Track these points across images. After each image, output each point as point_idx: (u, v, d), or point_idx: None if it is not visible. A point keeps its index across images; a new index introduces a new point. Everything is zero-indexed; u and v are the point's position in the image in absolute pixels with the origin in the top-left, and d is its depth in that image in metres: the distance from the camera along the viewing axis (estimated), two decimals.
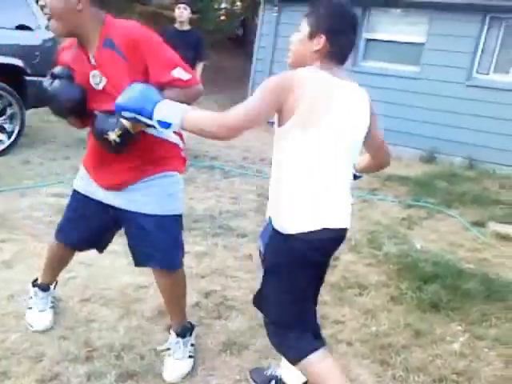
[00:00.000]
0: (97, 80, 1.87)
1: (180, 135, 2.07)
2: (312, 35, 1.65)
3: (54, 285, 2.56)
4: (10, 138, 5.35)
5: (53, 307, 2.51)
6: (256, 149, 6.96)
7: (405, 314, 2.86)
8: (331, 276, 3.28)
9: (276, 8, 8.59)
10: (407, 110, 7.68)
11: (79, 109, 1.91)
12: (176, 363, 2.21)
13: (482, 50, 7.33)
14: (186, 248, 3.44)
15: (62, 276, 2.87)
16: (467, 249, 4.02)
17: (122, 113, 1.63)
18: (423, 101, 7.57)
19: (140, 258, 2.14)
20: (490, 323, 2.83)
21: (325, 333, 2.62)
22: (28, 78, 5.32)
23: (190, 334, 2.30)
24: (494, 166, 6.95)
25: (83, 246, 2.32)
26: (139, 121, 1.65)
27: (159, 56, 1.83)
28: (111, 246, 3.26)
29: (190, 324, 2.35)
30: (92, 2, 1.79)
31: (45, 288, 2.49)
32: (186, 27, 5.55)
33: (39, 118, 7.02)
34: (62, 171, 4.91)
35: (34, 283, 2.50)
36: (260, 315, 2.72)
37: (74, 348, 2.27)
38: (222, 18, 15.44)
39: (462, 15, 7.24)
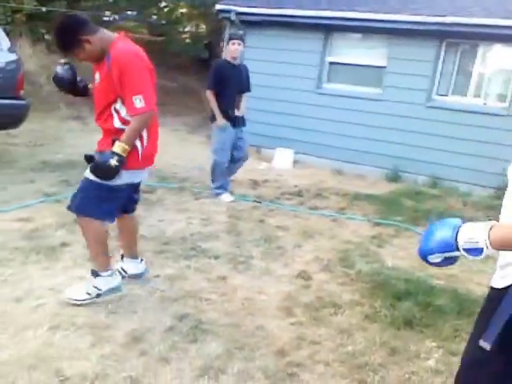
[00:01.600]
0: (97, 77, 2.77)
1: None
2: None
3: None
4: None
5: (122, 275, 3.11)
6: None
7: (380, 332, 2.88)
8: (305, 296, 3.28)
9: (241, 32, 8.69)
10: (371, 130, 7.86)
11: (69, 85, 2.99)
12: (74, 288, 2.90)
13: (441, 74, 7.60)
14: (157, 271, 3.40)
15: (30, 304, 2.78)
16: None
17: (429, 257, 1.51)
18: (386, 121, 7.76)
19: None
20: (462, 338, 2.86)
21: (302, 354, 2.62)
22: None
23: (95, 277, 2.87)
24: (455, 183, 7.16)
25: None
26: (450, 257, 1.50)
27: (131, 80, 2.62)
28: (80, 272, 3.21)
29: (105, 273, 2.90)
30: (92, 32, 2.66)
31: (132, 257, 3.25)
32: (238, 62, 5.74)
33: (3, 140, 6.84)
34: (27, 195, 4.75)
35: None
36: (237, 337, 2.69)
37: (44, 377, 2.18)
38: (187, 40, 15.52)
39: (420, 41, 7.52)
